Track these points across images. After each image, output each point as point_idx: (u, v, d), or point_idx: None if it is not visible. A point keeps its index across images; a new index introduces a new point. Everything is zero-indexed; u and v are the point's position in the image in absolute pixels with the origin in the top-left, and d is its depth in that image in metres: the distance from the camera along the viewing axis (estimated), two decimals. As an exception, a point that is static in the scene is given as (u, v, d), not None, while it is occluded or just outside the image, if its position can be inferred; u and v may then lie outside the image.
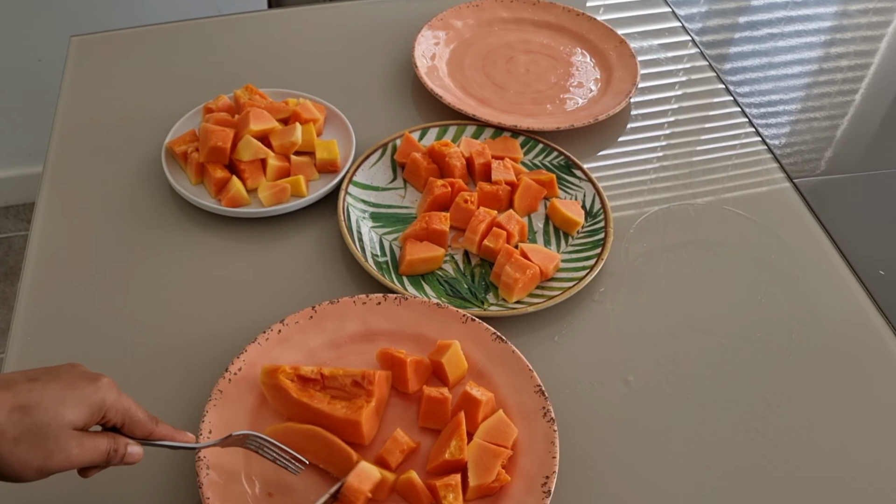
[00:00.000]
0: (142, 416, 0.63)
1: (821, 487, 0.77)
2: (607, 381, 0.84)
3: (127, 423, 0.62)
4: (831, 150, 1.14)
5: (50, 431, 0.56)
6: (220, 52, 1.19)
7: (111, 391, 0.60)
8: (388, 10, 1.30)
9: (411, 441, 0.74)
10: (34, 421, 0.55)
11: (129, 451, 0.62)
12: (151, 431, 0.64)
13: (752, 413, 0.82)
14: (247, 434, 0.69)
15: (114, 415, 0.61)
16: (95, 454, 0.59)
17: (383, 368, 0.79)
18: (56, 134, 1.05)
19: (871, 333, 0.90)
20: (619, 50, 1.21)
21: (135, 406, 0.63)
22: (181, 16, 1.40)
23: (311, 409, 0.74)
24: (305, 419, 0.75)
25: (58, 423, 0.56)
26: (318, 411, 0.74)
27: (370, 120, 1.09)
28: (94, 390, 0.59)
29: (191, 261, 0.92)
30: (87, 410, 0.58)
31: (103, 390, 0.60)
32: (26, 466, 0.56)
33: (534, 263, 0.88)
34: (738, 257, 0.97)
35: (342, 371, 0.76)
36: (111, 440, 0.61)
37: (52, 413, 0.56)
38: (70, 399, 0.58)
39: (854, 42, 1.35)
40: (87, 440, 0.59)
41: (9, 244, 2.09)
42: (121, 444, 0.61)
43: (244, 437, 0.69)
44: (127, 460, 0.62)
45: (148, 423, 0.63)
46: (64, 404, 0.57)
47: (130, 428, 0.62)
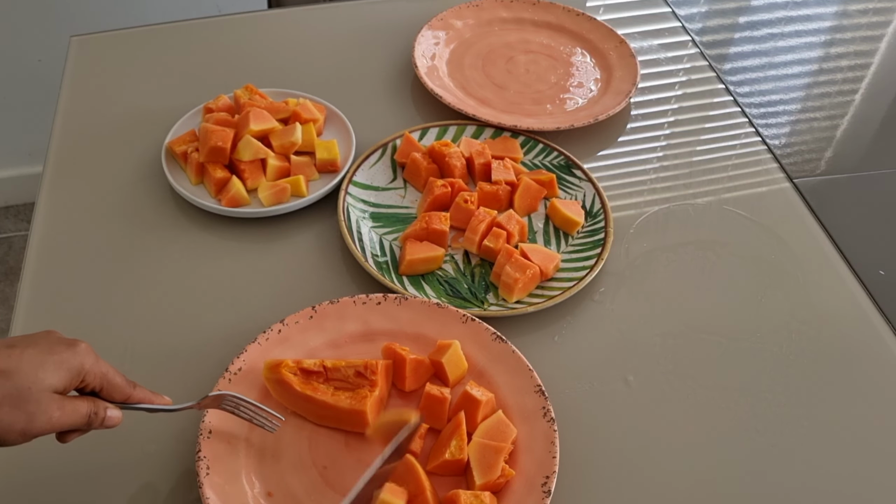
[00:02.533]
0: (119, 381, 0.64)
1: (821, 487, 0.77)
2: (607, 381, 0.84)
3: (105, 386, 0.63)
4: (831, 150, 1.14)
5: (30, 395, 0.57)
6: (220, 52, 1.19)
7: (89, 355, 0.62)
8: (388, 10, 1.30)
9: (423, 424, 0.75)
10: (14, 385, 0.56)
11: (109, 415, 0.63)
12: (129, 395, 0.65)
13: (752, 413, 0.82)
14: (222, 394, 0.70)
15: (92, 378, 0.62)
16: (76, 416, 0.60)
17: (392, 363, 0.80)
18: (56, 134, 1.05)
19: (871, 333, 0.90)
20: (619, 50, 1.21)
21: (112, 370, 0.64)
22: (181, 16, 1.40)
23: (315, 401, 0.74)
24: (310, 412, 0.75)
25: (38, 386, 0.57)
26: (322, 403, 0.74)
27: (370, 120, 1.09)
28: (73, 354, 0.60)
29: (191, 261, 0.92)
30: (66, 374, 0.59)
31: (81, 354, 0.61)
32: (9, 430, 0.57)
33: (534, 263, 0.88)
34: (738, 257, 0.97)
35: (344, 362, 0.77)
36: (91, 403, 0.62)
37: (32, 377, 0.57)
38: (49, 363, 0.59)
39: (854, 42, 1.35)
40: (68, 403, 0.60)
41: (9, 244, 2.09)
42: (100, 407, 0.62)
43: (220, 397, 0.70)
44: (107, 423, 0.63)
45: (125, 386, 0.65)
46: (43, 368, 0.58)
47: (109, 392, 0.64)
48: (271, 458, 0.74)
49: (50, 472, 0.74)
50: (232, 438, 0.73)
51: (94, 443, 0.75)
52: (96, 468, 0.74)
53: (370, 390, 0.75)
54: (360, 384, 0.76)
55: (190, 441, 0.76)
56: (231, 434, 0.74)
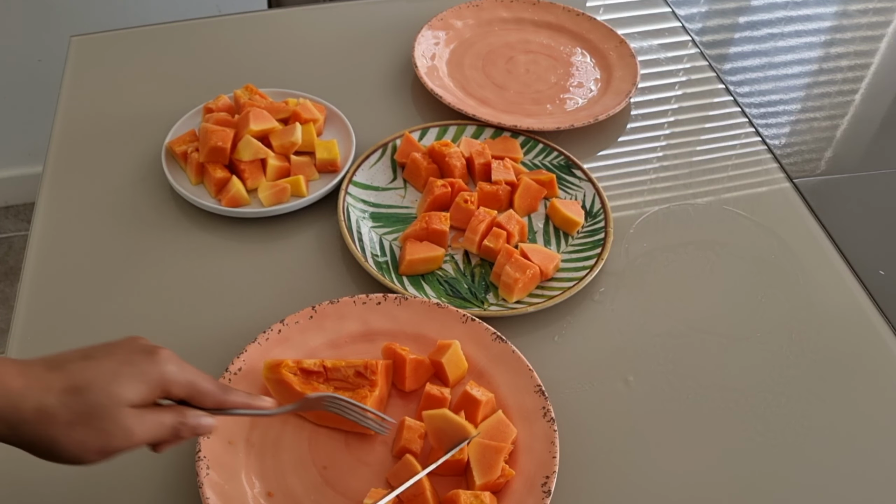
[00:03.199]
0: (209, 387, 0.59)
1: (821, 487, 0.77)
2: (607, 381, 0.84)
3: (194, 395, 0.58)
4: (831, 150, 1.15)
5: (105, 411, 0.53)
6: (220, 52, 1.19)
7: (170, 363, 0.57)
8: (388, 10, 1.30)
9: (422, 424, 0.75)
10: (87, 402, 0.52)
11: (200, 423, 0.58)
12: (222, 401, 0.60)
13: (752, 413, 0.82)
14: (322, 396, 0.68)
15: (177, 388, 0.57)
16: (160, 430, 0.56)
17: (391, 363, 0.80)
18: (56, 134, 1.05)
19: (871, 333, 0.90)
20: (619, 50, 1.21)
21: (200, 377, 0.59)
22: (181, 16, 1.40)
23: None
24: (314, 413, 0.75)
25: (112, 401, 0.53)
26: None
27: (370, 120, 1.09)
28: (152, 364, 0.56)
29: (191, 261, 0.92)
30: (144, 387, 0.55)
31: (161, 363, 0.56)
32: (86, 449, 0.53)
33: (534, 263, 0.88)
34: (738, 257, 0.97)
35: (344, 362, 0.77)
36: (177, 414, 0.57)
37: (106, 392, 0.53)
38: (125, 375, 0.54)
39: (854, 42, 1.35)
40: (149, 417, 0.55)
41: (9, 244, 2.09)
42: (188, 416, 0.58)
43: (320, 399, 0.68)
44: (199, 432, 0.59)
45: (217, 392, 0.60)
46: (118, 381, 0.54)
47: (199, 400, 0.59)
48: (271, 458, 0.74)
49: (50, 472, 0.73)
50: (232, 438, 0.73)
51: (94, 443, 0.75)
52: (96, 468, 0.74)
53: (370, 390, 0.75)
54: (359, 384, 0.76)
55: (190, 441, 0.75)
56: (231, 434, 0.74)
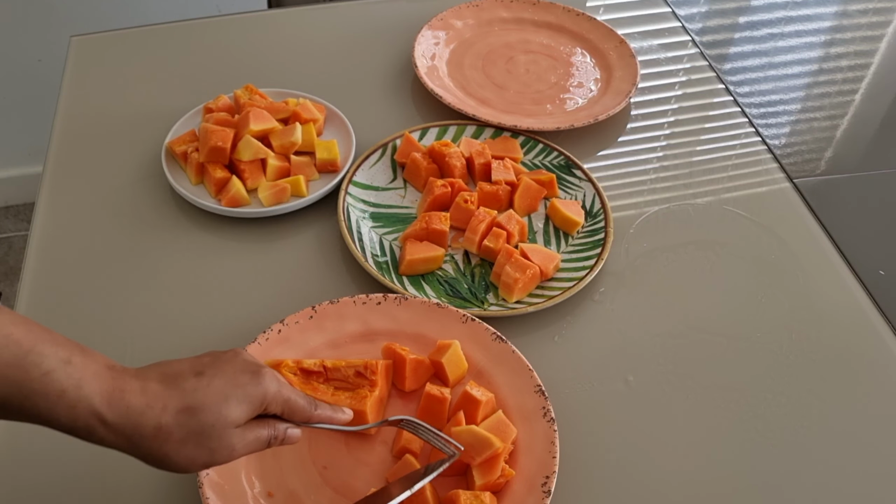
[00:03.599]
0: (301, 404, 0.63)
1: (821, 487, 0.77)
2: (607, 381, 0.84)
3: (286, 411, 0.62)
4: (831, 150, 1.15)
5: (214, 432, 0.57)
6: (220, 52, 1.19)
7: (272, 384, 0.61)
8: (388, 10, 1.30)
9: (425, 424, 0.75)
10: (199, 422, 0.57)
11: (289, 435, 0.63)
12: (310, 417, 0.64)
13: (752, 413, 0.82)
14: (401, 419, 0.71)
15: (274, 407, 0.61)
16: (257, 445, 0.60)
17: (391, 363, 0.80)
18: (56, 134, 1.05)
19: (871, 333, 0.90)
20: (619, 50, 1.21)
21: (294, 395, 0.63)
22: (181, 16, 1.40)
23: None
24: None
25: (221, 423, 0.57)
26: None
27: (370, 120, 1.09)
28: (256, 385, 0.60)
29: (191, 261, 0.92)
30: (248, 407, 0.59)
31: (265, 385, 0.60)
32: (192, 463, 0.57)
33: (534, 263, 0.88)
34: (738, 257, 0.97)
35: (344, 362, 0.77)
36: (271, 428, 0.61)
37: (217, 414, 0.57)
38: (233, 398, 0.58)
39: (854, 42, 1.35)
40: (249, 433, 0.60)
41: (9, 244, 2.09)
42: (280, 430, 0.62)
43: (398, 421, 0.71)
44: (287, 442, 0.63)
45: (307, 409, 0.64)
46: (227, 404, 0.58)
47: (290, 415, 0.63)
48: (271, 458, 0.74)
49: (50, 473, 0.74)
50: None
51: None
52: (96, 468, 0.74)
53: (370, 390, 0.75)
54: (359, 384, 0.76)
55: (190, 441, 0.75)
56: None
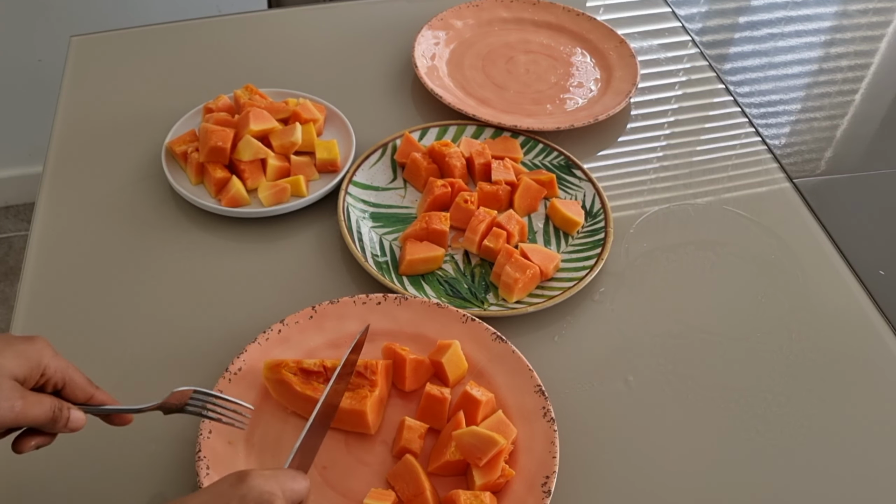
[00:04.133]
0: (80, 378, 0.63)
1: (821, 487, 0.77)
2: (607, 381, 0.84)
3: (67, 383, 0.62)
4: (831, 150, 1.15)
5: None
6: (220, 52, 1.19)
7: (48, 348, 0.61)
8: (388, 10, 1.30)
9: (423, 424, 0.75)
10: None
11: (73, 416, 0.62)
12: (92, 394, 0.64)
13: (752, 413, 0.82)
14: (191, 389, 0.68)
15: (53, 372, 0.61)
16: (40, 409, 0.59)
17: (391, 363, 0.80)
18: (56, 134, 1.05)
19: (871, 333, 0.90)
20: (619, 50, 1.21)
21: (73, 367, 0.63)
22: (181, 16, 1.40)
23: (314, 401, 0.74)
24: (310, 412, 0.75)
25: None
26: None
27: (370, 120, 1.09)
28: (30, 345, 0.60)
29: (191, 261, 0.92)
30: (25, 362, 0.59)
31: (39, 346, 0.60)
32: None
33: (534, 263, 0.88)
34: (738, 257, 0.97)
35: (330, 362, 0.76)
36: (54, 399, 0.61)
37: None
38: (7, 351, 0.58)
39: (854, 42, 1.35)
40: (30, 395, 0.59)
41: (9, 244, 2.09)
42: (64, 405, 0.61)
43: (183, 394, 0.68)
44: (71, 425, 0.62)
45: (87, 385, 0.64)
46: (2, 355, 0.58)
47: (71, 389, 0.63)
48: (271, 458, 0.74)
49: (50, 473, 0.74)
50: (232, 438, 0.73)
51: (95, 443, 0.75)
52: (97, 469, 0.74)
53: (370, 390, 0.75)
54: (359, 384, 0.76)
55: (190, 441, 0.76)
56: (231, 434, 0.74)
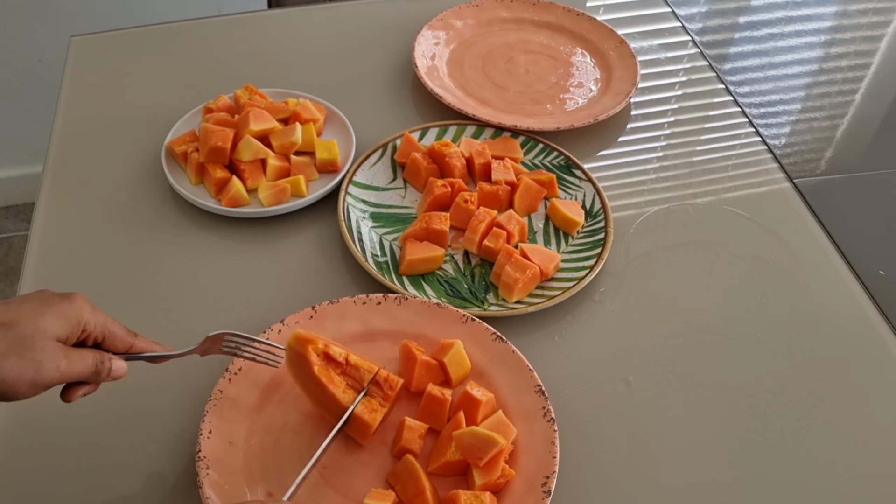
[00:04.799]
0: (120, 329, 0.64)
1: (821, 487, 0.77)
2: (607, 381, 0.84)
3: (107, 336, 0.63)
4: (831, 150, 1.15)
5: (35, 343, 0.57)
6: (220, 52, 1.19)
7: (85, 305, 0.62)
8: (388, 10, 1.30)
9: (423, 423, 0.75)
10: (17, 334, 0.57)
11: (115, 366, 0.63)
12: (132, 344, 0.66)
13: (752, 413, 0.82)
14: (222, 333, 0.71)
15: (93, 328, 0.62)
16: (83, 364, 0.60)
17: (404, 360, 0.79)
18: (56, 134, 1.05)
19: (871, 333, 0.90)
20: (619, 50, 1.21)
21: (111, 320, 0.64)
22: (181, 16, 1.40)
23: (326, 390, 0.73)
24: (317, 397, 0.75)
25: (41, 334, 0.58)
26: (332, 396, 0.74)
27: (370, 120, 1.09)
28: (69, 304, 0.61)
29: (191, 261, 0.92)
30: (65, 322, 0.59)
31: (78, 304, 0.61)
32: (18, 379, 0.57)
33: (534, 263, 0.88)
34: (738, 257, 0.97)
35: (366, 365, 0.76)
36: (96, 352, 0.62)
37: (34, 325, 0.58)
38: (48, 312, 0.59)
39: (854, 42, 1.35)
40: (73, 352, 0.60)
41: (9, 244, 2.09)
42: (105, 356, 0.63)
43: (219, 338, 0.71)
44: (113, 374, 0.63)
45: (127, 335, 0.65)
46: (43, 317, 0.58)
47: (111, 341, 0.64)
48: (271, 458, 0.74)
49: (51, 473, 0.74)
50: (232, 438, 0.73)
51: (95, 443, 0.75)
52: (97, 468, 0.74)
53: (381, 404, 0.74)
54: (374, 392, 0.75)
55: (190, 441, 0.76)
56: (231, 434, 0.74)
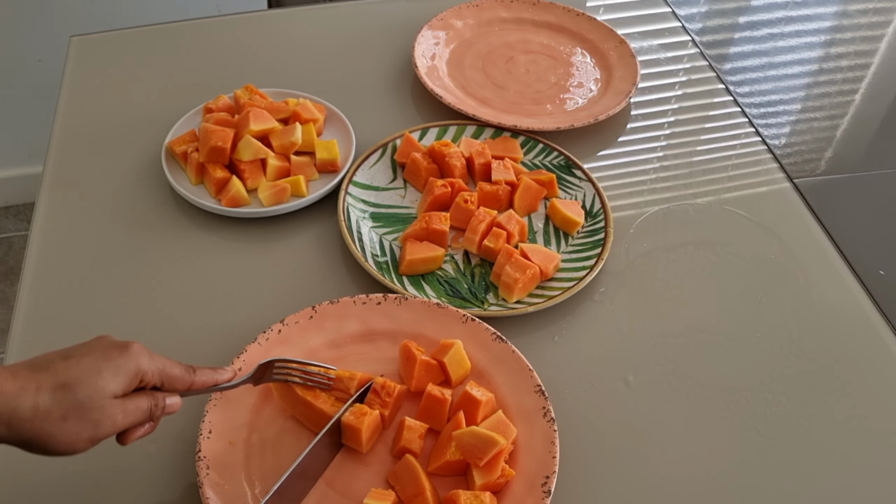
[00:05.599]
0: (178, 372, 0.65)
1: (821, 487, 0.77)
2: (607, 381, 0.84)
3: (165, 381, 0.64)
4: (831, 150, 1.15)
5: (93, 403, 0.58)
6: (220, 52, 1.19)
7: (143, 355, 0.62)
8: (388, 10, 1.30)
9: (423, 424, 0.75)
10: (76, 396, 0.57)
11: (168, 403, 0.64)
12: (191, 383, 0.66)
13: (752, 413, 0.82)
14: (271, 361, 0.72)
15: (150, 377, 0.63)
16: (139, 414, 0.62)
17: (404, 360, 0.79)
18: (56, 134, 1.05)
19: (871, 333, 0.90)
20: (619, 50, 1.21)
21: (169, 364, 0.64)
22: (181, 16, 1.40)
23: (314, 408, 0.74)
24: (308, 416, 0.75)
25: (99, 394, 0.59)
26: (321, 412, 0.74)
27: (370, 120, 1.09)
28: (128, 358, 0.61)
29: (191, 261, 0.92)
30: (124, 379, 0.60)
31: (135, 356, 0.62)
32: (77, 439, 0.58)
33: (534, 263, 0.88)
34: (738, 257, 0.97)
35: (348, 374, 0.76)
36: (150, 397, 0.63)
37: (93, 386, 0.58)
38: (106, 370, 0.59)
39: (854, 42, 1.35)
40: (129, 403, 0.61)
41: (9, 244, 2.09)
42: (159, 398, 0.64)
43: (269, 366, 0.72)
44: (168, 411, 0.65)
45: (185, 376, 0.66)
46: (101, 376, 0.59)
47: (170, 384, 0.65)
48: (271, 458, 0.74)
49: (51, 474, 0.74)
50: (232, 438, 0.73)
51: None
52: (97, 469, 0.74)
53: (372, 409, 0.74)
54: (371, 401, 0.75)
55: (190, 441, 0.76)
56: (231, 434, 0.74)
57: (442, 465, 0.72)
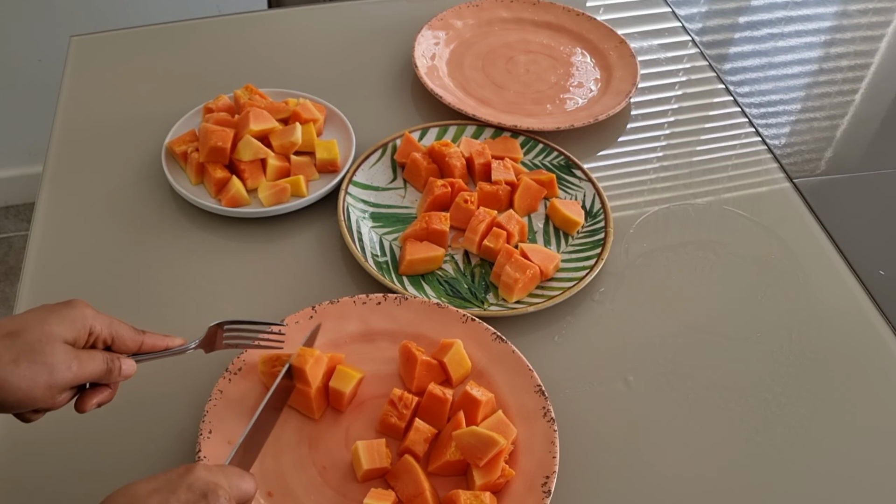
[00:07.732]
0: (127, 330, 0.65)
1: (821, 487, 0.77)
2: (607, 381, 0.84)
3: (115, 337, 0.64)
4: (831, 150, 1.15)
5: (44, 346, 0.58)
6: (220, 52, 1.19)
7: (88, 308, 0.63)
8: (388, 10, 1.30)
9: (432, 427, 0.74)
10: (25, 340, 0.58)
11: (124, 364, 0.64)
12: (141, 342, 0.66)
13: (752, 413, 0.82)
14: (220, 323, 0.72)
15: (100, 330, 0.63)
16: (94, 364, 0.61)
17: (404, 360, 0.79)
18: (56, 134, 1.05)
19: (871, 333, 0.90)
20: (619, 50, 1.21)
21: (117, 321, 0.65)
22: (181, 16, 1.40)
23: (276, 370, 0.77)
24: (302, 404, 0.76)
25: (48, 337, 0.59)
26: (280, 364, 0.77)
27: (370, 120, 1.09)
28: (72, 307, 0.62)
29: (191, 261, 0.92)
30: (71, 325, 0.60)
31: (80, 307, 0.62)
32: (34, 384, 0.58)
33: (534, 263, 0.88)
34: (738, 257, 0.97)
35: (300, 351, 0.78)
36: (105, 353, 0.63)
37: (40, 330, 0.59)
38: (52, 317, 0.60)
39: (854, 42, 1.35)
40: (83, 353, 0.61)
41: (9, 244, 2.09)
42: (114, 356, 0.63)
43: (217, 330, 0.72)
44: (124, 374, 0.64)
45: (135, 335, 0.66)
46: (48, 322, 0.60)
47: (120, 342, 0.65)
48: (271, 458, 0.74)
49: (51, 474, 0.74)
50: (232, 438, 0.73)
51: (95, 442, 0.75)
52: (97, 469, 0.74)
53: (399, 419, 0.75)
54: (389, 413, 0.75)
55: (190, 441, 0.76)
56: (231, 434, 0.74)
57: (442, 465, 0.72)
